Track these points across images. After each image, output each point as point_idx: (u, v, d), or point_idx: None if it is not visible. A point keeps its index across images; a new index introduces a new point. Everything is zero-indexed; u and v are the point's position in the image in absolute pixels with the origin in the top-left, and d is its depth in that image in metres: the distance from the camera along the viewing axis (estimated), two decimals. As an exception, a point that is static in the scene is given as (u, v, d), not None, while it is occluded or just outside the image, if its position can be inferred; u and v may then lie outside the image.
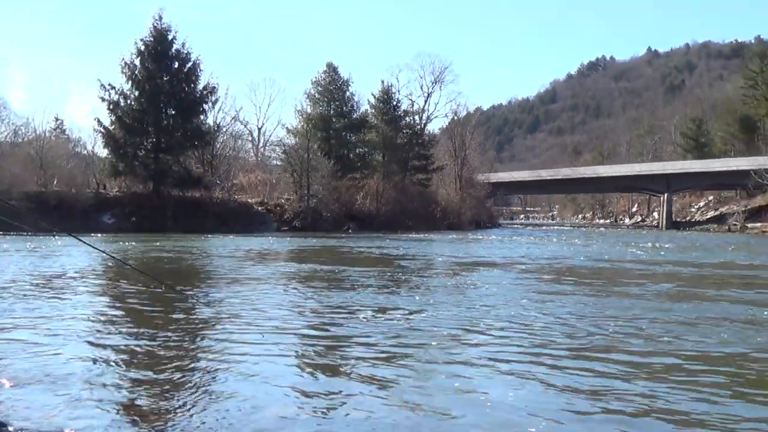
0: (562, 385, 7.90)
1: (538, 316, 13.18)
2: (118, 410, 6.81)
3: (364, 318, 12.97)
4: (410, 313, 13.51)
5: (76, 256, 29.21)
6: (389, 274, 22.80)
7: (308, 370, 8.85)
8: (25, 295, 15.97)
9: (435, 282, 20.65)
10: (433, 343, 10.46)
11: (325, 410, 7.02)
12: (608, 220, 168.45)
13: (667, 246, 47.05)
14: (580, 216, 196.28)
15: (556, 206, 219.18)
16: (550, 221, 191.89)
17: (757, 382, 8.26)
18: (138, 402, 7.21)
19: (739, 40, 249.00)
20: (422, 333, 11.36)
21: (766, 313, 13.84)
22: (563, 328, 11.81)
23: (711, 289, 19.28)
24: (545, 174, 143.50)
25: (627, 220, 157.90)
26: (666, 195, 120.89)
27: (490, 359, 9.34)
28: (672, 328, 11.89)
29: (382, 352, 9.85)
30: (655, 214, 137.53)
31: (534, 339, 10.87)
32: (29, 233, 45.16)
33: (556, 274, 23.61)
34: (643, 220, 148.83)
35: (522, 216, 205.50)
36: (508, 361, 9.21)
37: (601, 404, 7.17)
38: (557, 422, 6.55)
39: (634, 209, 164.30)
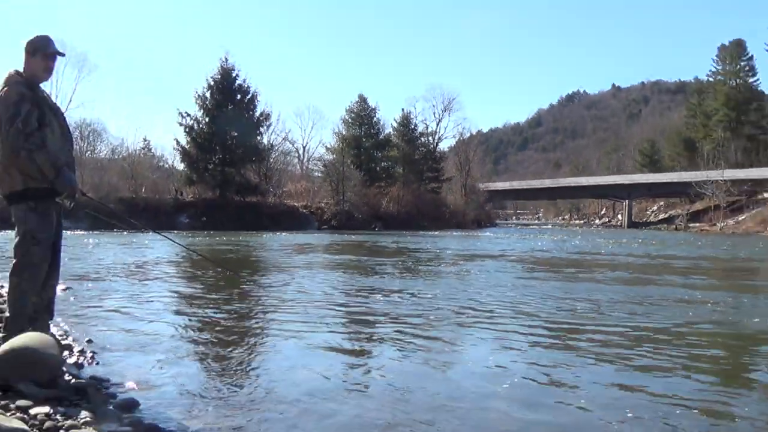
0: (532, 352, 7.98)
1: (517, 297, 13.12)
2: (196, 370, 6.88)
3: (380, 297, 13.04)
4: (417, 293, 13.49)
5: (160, 248, 29.32)
6: (405, 263, 22.80)
7: (341, 336, 8.91)
8: (120, 278, 16.09)
9: (440, 269, 20.62)
10: (431, 317, 10.52)
11: (355, 368, 7.08)
12: (582, 221, 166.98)
13: (626, 241, 46.87)
14: (560, 217, 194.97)
15: (541, 209, 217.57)
16: (536, 222, 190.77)
17: (690, 350, 8.33)
18: (210, 361, 7.29)
19: (682, 80, 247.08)
20: (426, 309, 11.39)
21: (698, 294, 13.81)
22: (536, 307, 11.80)
23: (657, 275, 19.26)
24: (533, 183, 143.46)
25: (597, 221, 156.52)
26: (627, 200, 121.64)
27: (474, 331, 9.42)
28: (623, 307, 11.87)
29: (396, 323, 9.94)
30: (619, 216, 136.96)
31: (512, 315, 10.86)
32: (123, 230, 45.43)
33: (535, 264, 23.57)
34: (609, 221, 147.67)
35: (514, 217, 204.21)
36: (490, 331, 9.30)
37: (560, 366, 7.25)
38: (522, 378, 6.65)
39: (603, 212, 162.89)
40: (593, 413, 5.57)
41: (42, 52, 6.38)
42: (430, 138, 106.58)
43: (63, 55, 6.72)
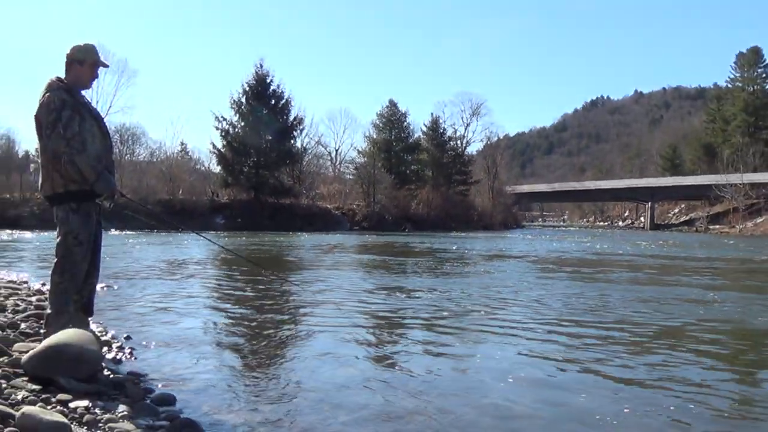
0: (551, 350, 7.98)
1: (538, 296, 13.20)
2: (230, 365, 6.91)
3: (406, 295, 13.10)
4: (442, 291, 13.54)
5: (196, 247, 29.54)
6: (432, 263, 22.73)
7: (368, 332, 8.98)
8: (157, 277, 16.22)
9: (464, 269, 20.50)
10: (444, 314, 10.56)
11: (382, 362, 7.14)
12: (606, 223, 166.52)
13: (646, 243, 46.57)
14: (584, 219, 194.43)
15: (566, 212, 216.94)
16: (561, 223, 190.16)
17: (692, 345, 8.30)
18: (244, 357, 7.33)
19: (702, 86, 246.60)
20: (450, 306, 11.44)
21: (711, 294, 13.77)
22: (555, 306, 11.77)
23: (673, 275, 19.19)
24: (558, 186, 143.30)
25: (620, 223, 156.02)
26: (650, 203, 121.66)
27: (495, 327, 9.40)
28: (633, 305, 11.97)
29: (421, 319, 9.97)
30: (642, 218, 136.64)
31: (525, 312, 10.99)
32: (161, 230, 45.74)
33: (555, 264, 23.44)
34: (632, 223, 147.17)
35: (540, 219, 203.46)
36: (511, 327, 9.32)
37: (578, 361, 7.25)
38: (541, 374, 6.66)
39: (626, 214, 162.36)
40: (606, 408, 5.57)
41: (91, 62, 6.47)
42: (459, 142, 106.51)
43: (107, 66, 6.83)
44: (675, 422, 5.24)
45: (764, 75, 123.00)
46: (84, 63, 6.43)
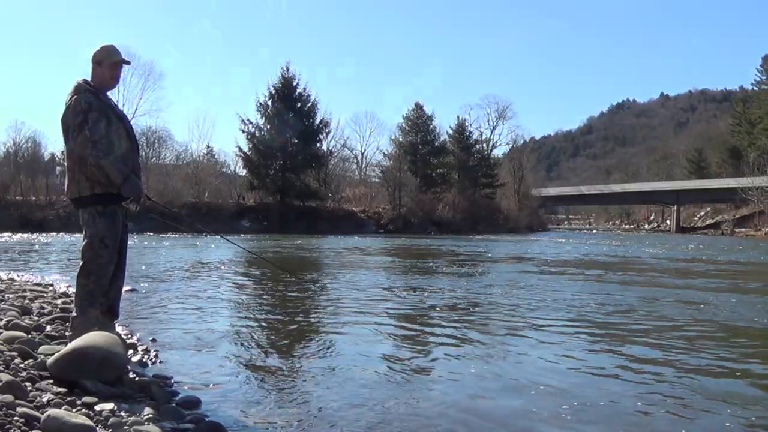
0: (578, 351, 7.95)
1: (543, 296, 13.38)
2: (255, 367, 6.90)
3: (429, 296, 13.08)
4: (458, 294, 13.51)
5: (221, 250, 29.62)
6: (454, 266, 22.60)
7: (393, 334, 8.95)
8: (183, 279, 16.29)
9: (488, 272, 20.52)
10: (466, 316, 10.58)
11: (406, 363, 7.08)
12: (632, 226, 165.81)
13: (679, 246, 46.39)
14: (610, 222, 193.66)
15: (593, 215, 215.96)
16: (587, 227, 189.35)
17: (680, 343, 8.27)
18: (268, 359, 7.30)
19: (728, 89, 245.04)
20: (466, 308, 11.44)
21: (721, 297, 13.67)
22: (559, 306, 11.82)
23: (685, 278, 19.03)
24: (584, 189, 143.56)
25: (646, 226, 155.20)
26: (676, 206, 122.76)
27: (519, 329, 9.36)
28: (636, 305, 12.09)
29: (446, 321, 9.95)
30: (668, 221, 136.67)
31: (532, 311, 11.14)
32: (186, 233, 45.92)
33: (574, 266, 23.29)
34: (658, 226, 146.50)
35: (566, 222, 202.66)
36: (535, 330, 9.28)
37: (606, 363, 7.19)
38: (570, 376, 6.62)
39: (652, 217, 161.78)
40: (632, 412, 5.52)
41: (108, 62, 6.46)
42: (485, 145, 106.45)
43: (128, 63, 6.81)
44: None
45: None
46: (102, 63, 6.43)
